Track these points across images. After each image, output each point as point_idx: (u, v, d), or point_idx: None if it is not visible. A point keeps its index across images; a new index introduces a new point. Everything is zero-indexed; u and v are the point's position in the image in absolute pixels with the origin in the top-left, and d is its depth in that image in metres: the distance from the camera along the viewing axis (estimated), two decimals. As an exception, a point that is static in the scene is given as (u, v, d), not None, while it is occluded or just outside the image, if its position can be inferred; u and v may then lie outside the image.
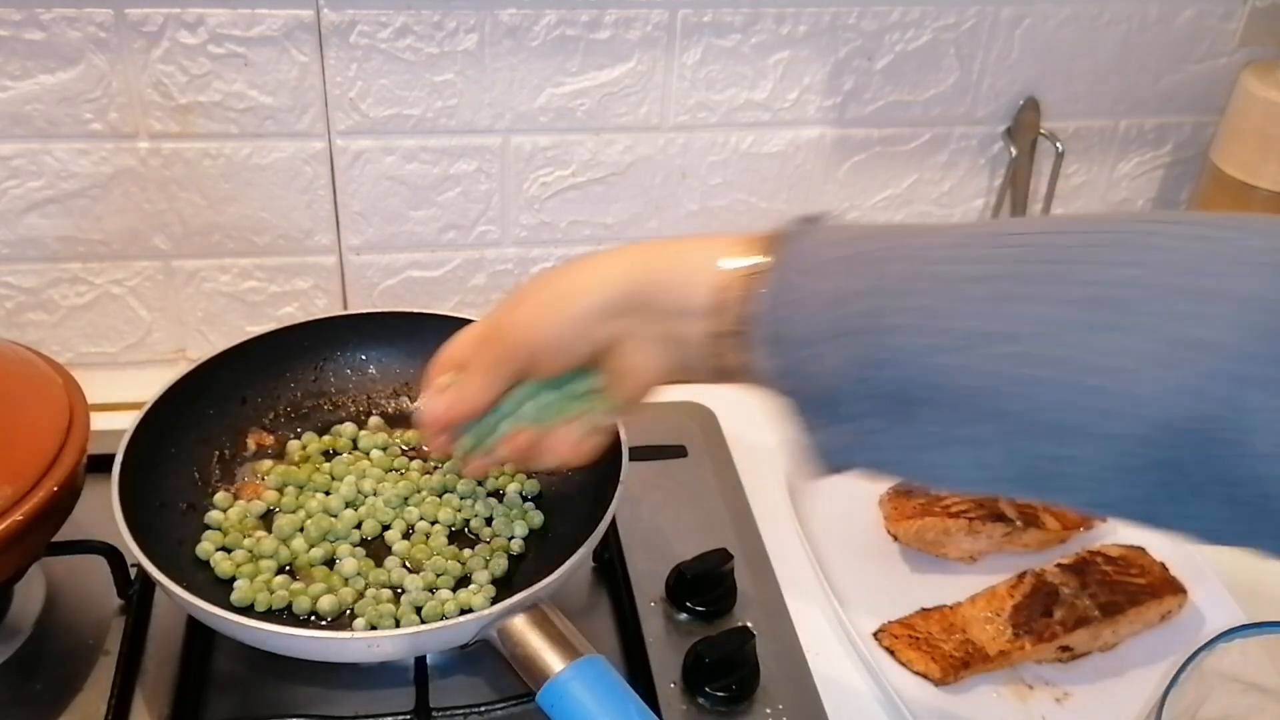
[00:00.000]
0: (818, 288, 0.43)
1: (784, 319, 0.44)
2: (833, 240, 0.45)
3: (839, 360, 0.42)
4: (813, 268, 0.44)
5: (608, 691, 0.54)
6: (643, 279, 0.49)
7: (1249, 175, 0.81)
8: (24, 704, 0.61)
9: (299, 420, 0.75)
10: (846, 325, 0.42)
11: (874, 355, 0.41)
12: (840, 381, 0.42)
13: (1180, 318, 0.36)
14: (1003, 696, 0.65)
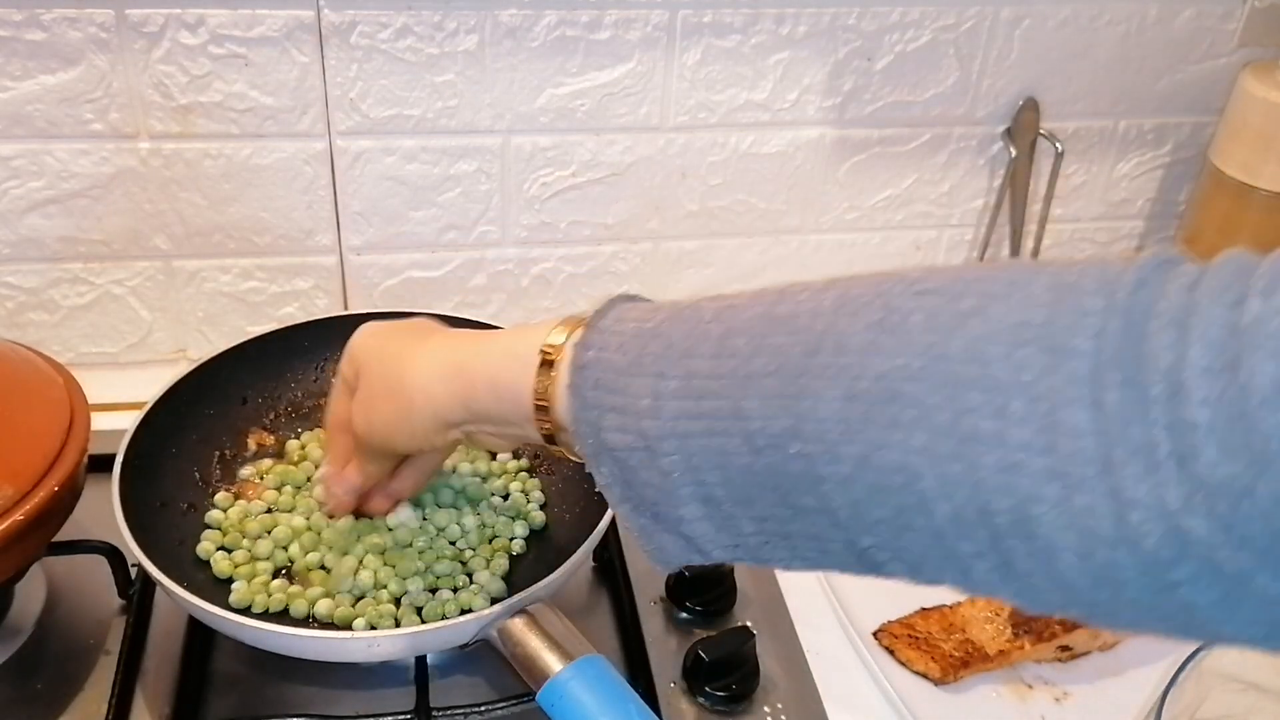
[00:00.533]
0: (626, 396, 0.43)
1: (599, 428, 0.44)
2: (621, 340, 0.45)
3: (652, 469, 0.43)
4: (607, 376, 0.44)
5: (608, 691, 0.54)
6: (468, 396, 0.51)
7: (1248, 176, 0.81)
8: (25, 703, 0.61)
9: (300, 420, 0.75)
10: (648, 432, 0.42)
11: (690, 461, 0.42)
12: (655, 491, 0.43)
13: (965, 410, 0.35)
14: (1002, 696, 0.66)
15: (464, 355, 0.51)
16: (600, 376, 0.44)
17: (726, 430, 0.40)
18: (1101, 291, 0.34)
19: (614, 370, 0.44)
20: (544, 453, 0.68)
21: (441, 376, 0.51)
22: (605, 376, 0.44)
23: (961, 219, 0.95)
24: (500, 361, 0.49)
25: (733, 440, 0.40)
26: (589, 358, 0.45)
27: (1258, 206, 0.81)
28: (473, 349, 0.52)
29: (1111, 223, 0.98)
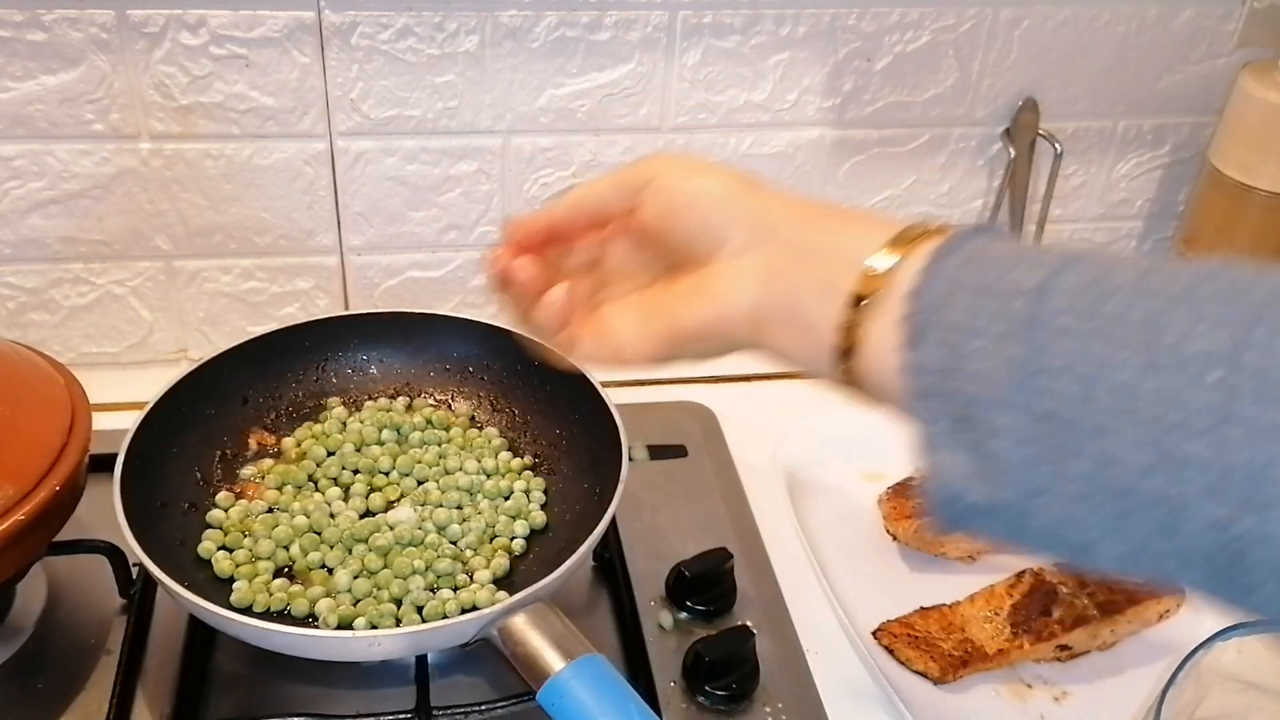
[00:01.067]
0: (985, 278, 0.37)
1: (941, 308, 0.37)
2: (1007, 240, 0.39)
3: (991, 358, 0.35)
4: (983, 261, 0.37)
5: (608, 690, 0.54)
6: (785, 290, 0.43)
7: (1247, 176, 0.81)
8: (26, 703, 0.61)
9: (300, 420, 0.75)
10: (1009, 319, 0.35)
11: (1037, 356, 0.34)
12: (983, 384, 0.35)
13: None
14: (1001, 695, 0.66)
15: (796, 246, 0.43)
16: (975, 258, 0.37)
17: (1122, 338, 0.33)
18: None
19: (993, 257, 0.37)
20: None
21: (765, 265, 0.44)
22: (981, 260, 0.37)
23: (961, 219, 0.95)
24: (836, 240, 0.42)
25: (1125, 352, 0.33)
26: (969, 241, 0.38)
27: (1257, 207, 0.81)
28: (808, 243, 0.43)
29: (1110, 223, 0.98)
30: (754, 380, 0.93)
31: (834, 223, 0.44)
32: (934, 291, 0.37)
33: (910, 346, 0.37)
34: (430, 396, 0.78)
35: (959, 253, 0.38)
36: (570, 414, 0.73)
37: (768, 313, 0.44)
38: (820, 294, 0.42)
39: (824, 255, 0.43)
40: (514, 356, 0.76)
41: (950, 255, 0.38)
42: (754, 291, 0.44)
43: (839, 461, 0.81)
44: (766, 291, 0.44)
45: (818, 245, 0.43)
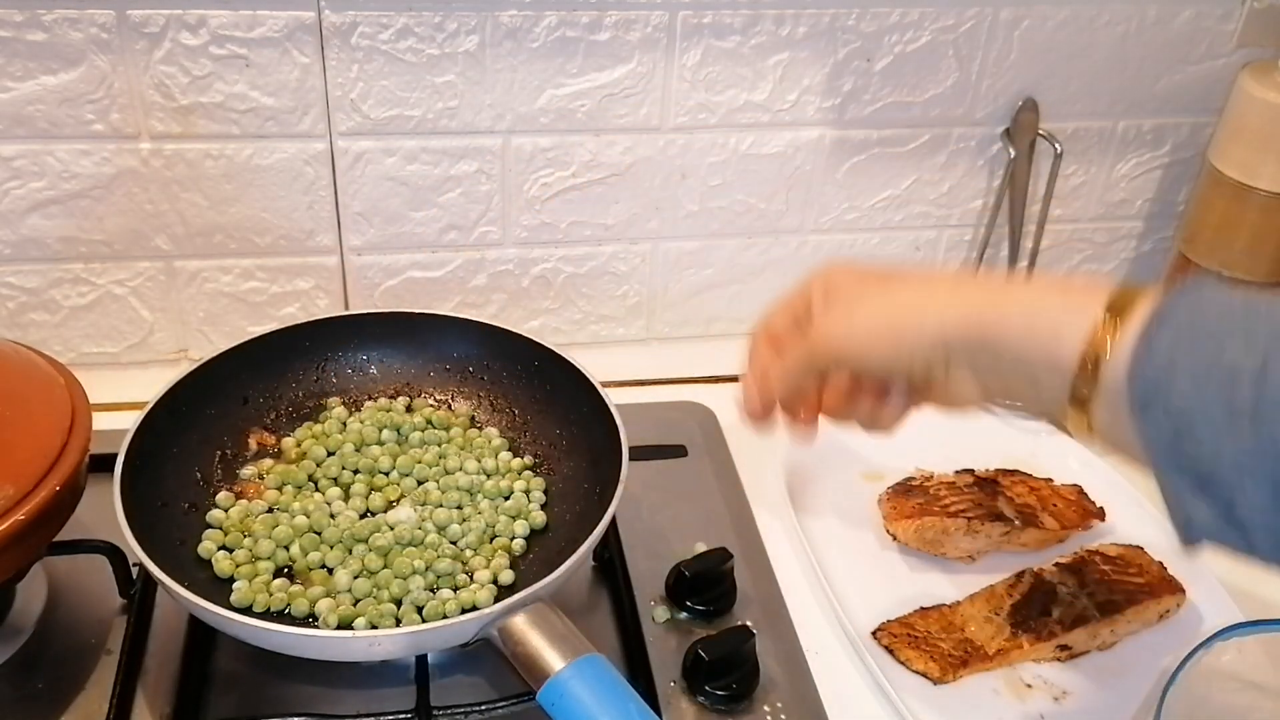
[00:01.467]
0: (1202, 358, 0.40)
1: (1165, 385, 0.41)
2: (1218, 304, 0.42)
3: (1224, 440, 0.39)
4: (1197, 333, 0.41)
5: (608, 690, 0.54)
6: (987, 324, 0.47)
7: (1247, 176, 0.81)
8: (26, 703, 0.61)
9: (300, 420, 0.75)
10: (1235, 404, 0.39)
11: (1263, 446, 0.38)
12: (1221, 463, 0.40)
13: None
14: (1001, 695, 0.66)
15: (997, 293, 0.47)
16: (1188, 331, 0.41)
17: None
18: None
19: (1206, 330, 0.40)
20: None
21: (960, 304, 0.47)
22: (1194, 333, 0.41)
23: (961, 219, 0.95)
24: (1044, 303, 0.46)
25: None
26: (1179, 309, 0.42)
27: (1256, 207, 0.81)
28: (1006, 292, 0.47)
29: (1110, 223, 0.98)
30: (754, 380, 0.93)
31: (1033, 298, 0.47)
32: (1152, 370, 0.41)
33: (1138, 418, 0.41)
34: (430, 396, 0.78)
35: (1172, 323, 0.41)
36: (570, 414, 0.73)
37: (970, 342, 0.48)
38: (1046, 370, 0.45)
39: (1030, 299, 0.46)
40: (514, 356, 0.77)
41: (1165, 326, 0.41)
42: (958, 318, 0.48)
43: (839, 461, 0.81)
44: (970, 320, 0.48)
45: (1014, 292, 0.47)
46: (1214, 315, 0.41)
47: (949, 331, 0.48)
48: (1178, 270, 0.88)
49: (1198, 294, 0.42)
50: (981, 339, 0.47)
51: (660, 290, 0.93)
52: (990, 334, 0.46)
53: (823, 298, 0.54)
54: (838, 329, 0.52)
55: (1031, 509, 0.75)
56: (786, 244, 0.93)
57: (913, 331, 0.49)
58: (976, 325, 0.47)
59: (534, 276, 0.90)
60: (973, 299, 0.48)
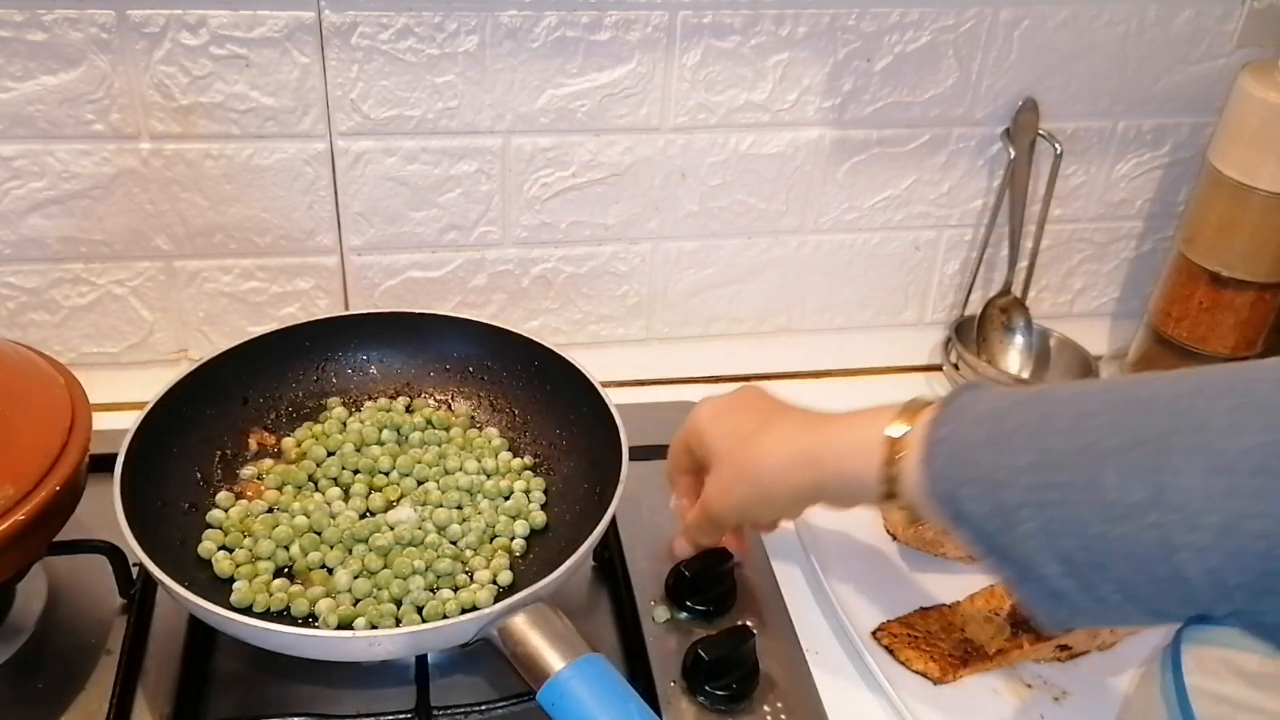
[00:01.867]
0: (980, 470, 0.48)
1: (956, 499, 0.49)
2: (985, 414, 0.50)
3: (1013, 534, 0.47)
4: (963, 452, 0.50)
5: (608, 690, 0.54)
6: (819, 484, 0.58)
7: (1247, 176, 0.81)
8: (26, 703, 0.61)
9: (300, 420, 0.75)
10: (1006, 501, 0.47)
11: (1047, 529, 0.46)
12: (1022, 553, 0.47)
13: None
14: (1001, 695, 0.66)
15: (814, 446, 0.58)
16: (954, 452, 0.50)
17: (1080, 501, 0.45)
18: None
19: (968, 446, 0.49)
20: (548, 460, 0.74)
21: (795, 464, 0.58)
22: (959, 451, 0.50)
23: (961, 219, 0.95)
24: (847, 450, 0.56)
25: (1086, 510, 0.45)
26: (943, 434, 0.51)
27: (1256, 207, 0.81)
28: (821, 440, 0.58)
29: (1110, 223, 0.98)
30: (754, 380, 0.93)
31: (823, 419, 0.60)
32: (942, 489, 0.50)
33: (953, 528, 0.50)
34: (430, 396, 0.78)
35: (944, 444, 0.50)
36: (570, 414, 0.73)
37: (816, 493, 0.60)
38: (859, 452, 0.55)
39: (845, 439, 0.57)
40: (514, 356, 0.77)
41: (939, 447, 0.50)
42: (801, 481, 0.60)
43: (839, 461, 0.81)
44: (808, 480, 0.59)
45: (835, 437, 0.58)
46: (973, 430, 0.50)
47: (798, 495, 0.60)
48: (1178, 270, 0.88)
49: (958, 412, 0.51)
50: (818, 494, 0.59)
51: (660, 290, 0.93)
52: (821, 490, 0.58)
53: (701, 455, 0.64)
54: (722, 502, 0.63)
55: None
56: (786, 244, 0.93)
57: (774, 497, 0.60)
58: (811, 486, 0.58)
59: (534, 276, 0.90)
60: (801, 457, 0.58)
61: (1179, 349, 0.89)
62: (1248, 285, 0.84)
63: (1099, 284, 1.02)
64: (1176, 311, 0.88)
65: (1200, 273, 0.86)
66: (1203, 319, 0.87)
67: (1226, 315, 0.86)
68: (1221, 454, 0.42)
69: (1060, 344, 0.94)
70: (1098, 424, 0.46)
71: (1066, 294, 1.02)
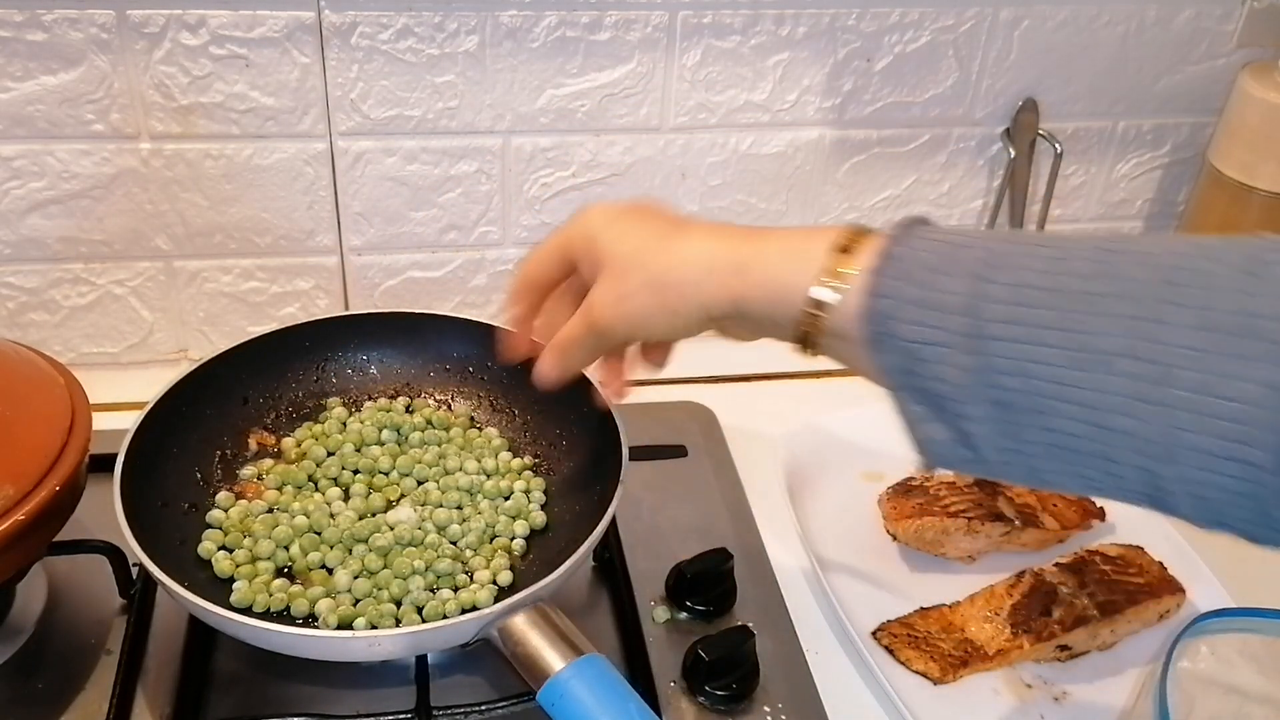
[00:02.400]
0: (923, 292, 0.44)
1: (892, 320, 0.45)
2: (932, 243, 0.46)
3: (947, 365, 0.43)
4: (915, 270, 0.45)
5: (608, 690, 0.54)
6: (737, 294, 0.50)
7: (1247, 176, 0.81)
8: (26, 703, 0.61)
9: (300, 420, 0.75)
10: (952, 332, 0.43)
11: (993, 365, 0.42)
12: (947, 385, 0.43)
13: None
14: (1001, 695, 0.66)
15: (742, 254, 0.51)
16: (907, 269, 0.45)
17: (1048, 341, 0.41)
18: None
19: (923, 266, 0.44)
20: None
21: (714, 271, 0.51)
22: (913, 270, 0.45)
23: (961, 219, 0.95)
24: (780, 261, 0.49)
25: (1052, 350, 0.41)
26: (897, 251, 0.45)
27: (1256, 207, 0.81)
28: (751, 248, 0.51)
29: (1110, 223, 0.98)
30: (754, 380, 0.93)
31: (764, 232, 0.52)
32: (881, 307, 0.45)
33: (873, 352, 0.45)
34: (430, 396, 0.78)
35: (895, 263, 0.45)
36: (570, 414, 0.73)
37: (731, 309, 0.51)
38: (788, 321, 0.49)
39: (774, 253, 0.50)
40: (514, 356, 0.76)
41: (888, 266, 0.45)
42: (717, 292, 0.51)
43: (839, 461, 0.81)
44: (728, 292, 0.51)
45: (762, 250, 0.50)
46: (929, 252, 0.45)
47: (710, 306, 0.51)
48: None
49: (913, 234, 0.46)
50: (735, 307, 0.51)
51: (660, 290, 0.93)
52: (740, 303, 0.50)
53: (589, 261, 0.55)
54: (615, 311, 0.54)
55: (1031, 509, 0.75)
56: (786, 244, 0.93)
57: (682, 307, 0.52)
58: (729, 297, 0.50)
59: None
60: (724, 264, 0.51)
61: (1179, 349, 0.89)
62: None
63: (1099, 284, 1.02)
64: (1176, 311, 0.88)
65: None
66: (1203, 319, 0.87)
67: (1226, 315, 0.86)
68: (1211, 312, 0.39)
69: (1060, 344, 0.94)
70: (1080, 269, 0.42)
71: (1066, 294, 1.02)
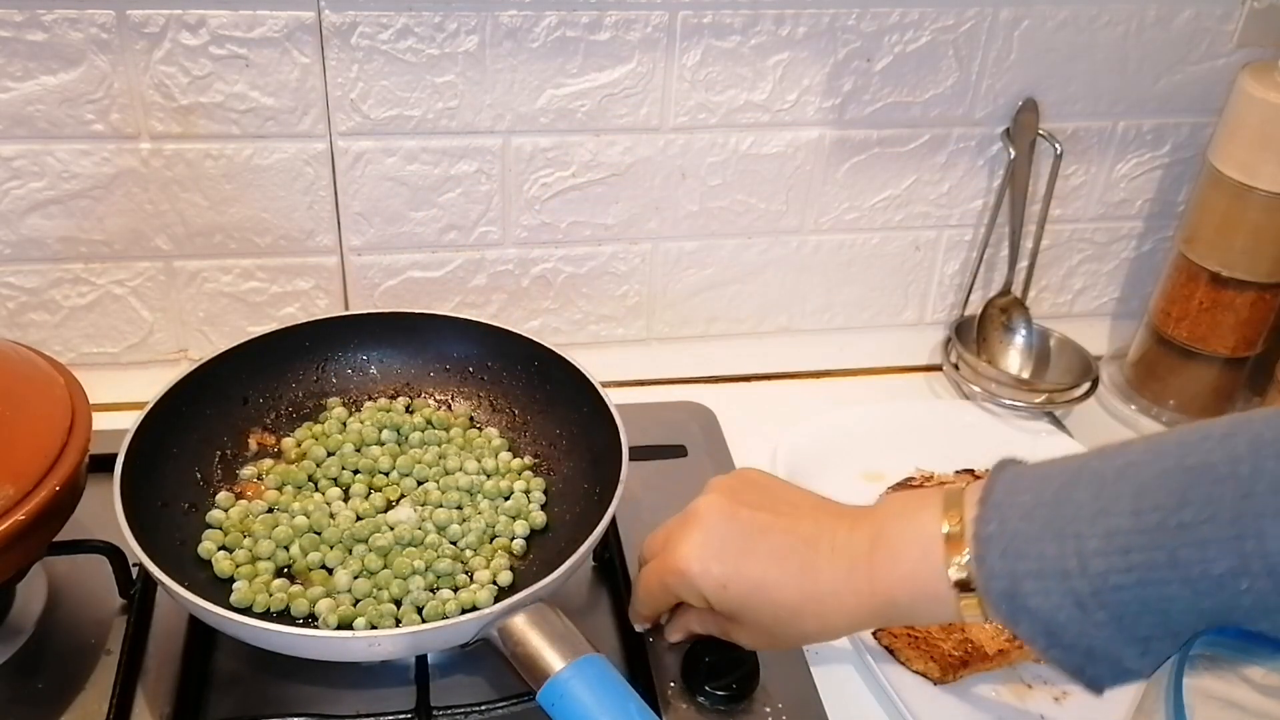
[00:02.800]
0: (1043, 561, 0.47)
1: (1016, 595, 0.48)
2: (1021, 507, 0.49)
3: (1086, 624, 0.46)
4: (1017, 543, 0.48)
5: (608, 690, 0.54)
6: (886, 612, 0.54)
7: (1247, 176, 0.81)
8: (26, 703, 0.61)
9: (300, 420, 0.75)
10: (1079, 597, 0.46)
11: (1124, 613, 0.45)
12: (1091, 640, 0.47)
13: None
14: (1001, 695, 0.66)
15: (863, 575, 0.53)
16: (1007, 546, 0.48)
17: (1163, 579, 0.44)
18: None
19: (1022, 538, 0.48)
20: (547, 464, 0.72)
21: (854, 612, 0.54)
22: (1013, 545, 0.48)
23: (961, 219, 0.95)
24: (907, 569, 0.52)
25: (1170, 588, 0.44)
26: (990, 531, 0.49)
27: (1256, 207, 0.81)
28: (868, 565, 0.53)
29: (1110, 223, 0.98)
30: (754, 380, 0.93)
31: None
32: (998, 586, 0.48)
33: (1013, 626, 0.49)
34: (430, 397, 0.78)
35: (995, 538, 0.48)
36: (570, 414, 0.73)
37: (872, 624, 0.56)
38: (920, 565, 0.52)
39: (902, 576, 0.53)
40: (514, 356, 0.77)
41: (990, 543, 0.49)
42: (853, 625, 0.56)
43: (839, 461, 0.81)
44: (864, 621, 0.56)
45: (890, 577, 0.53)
46: (1021, 520, 0.48)
47: (860, 626, 0.56)
48: (1178, 270, 0.88)
49: (1000, 502, 0.49)
50: (886, 619, 0.55)
51: (660, 290, 0.93)
52: (889, 616, 0.54)
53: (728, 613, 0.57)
54: (764, 646, 0.60)
55: (1031, 509, 0.75)
56: (786, 244, 0.93)
57: (832, 633, 0.56)
58: (879, 616, 0.54)
59: (534, 276, 0.90)
60: (867, 616, 0.54)
61: (1179, 349, 0.89)
62: (1248, 285, 0.84)
63: (1099, 284, 1.02)
64: (1176, 311, 0.88)
65: (1200, 273, 0.86)
66: (1203, 319, 0.87)
67: (1226, 315, 0.86)
68: None
69: (1060, 344, 0.94)
70: (1161, 500, 0.45)
71: (1066, 294, 1.02)
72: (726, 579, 0.55)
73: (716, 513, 0.57)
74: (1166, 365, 0.90)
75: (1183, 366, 0.89)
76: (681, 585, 0.57)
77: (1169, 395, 0.91)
